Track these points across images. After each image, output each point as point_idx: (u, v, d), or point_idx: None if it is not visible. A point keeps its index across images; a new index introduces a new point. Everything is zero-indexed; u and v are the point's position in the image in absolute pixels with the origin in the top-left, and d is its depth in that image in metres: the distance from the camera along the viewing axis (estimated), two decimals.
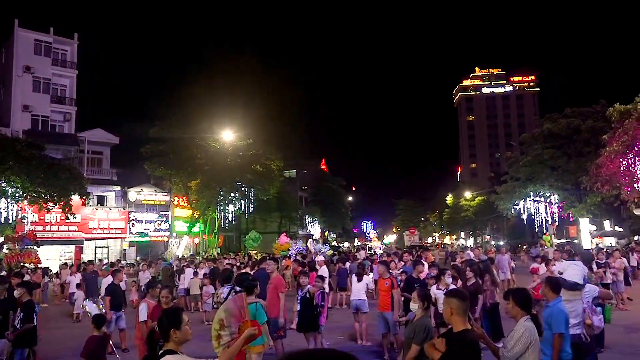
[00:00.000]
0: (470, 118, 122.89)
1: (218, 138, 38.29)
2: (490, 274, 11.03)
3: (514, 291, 4.72)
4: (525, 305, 4.45)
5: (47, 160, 27.33)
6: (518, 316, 4.43)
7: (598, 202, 34.86)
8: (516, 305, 4.47)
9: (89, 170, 37.40)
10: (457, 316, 4.02)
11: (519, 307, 4.44)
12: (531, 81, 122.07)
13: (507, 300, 4.62)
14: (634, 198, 27.17)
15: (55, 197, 26.79)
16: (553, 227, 42.24)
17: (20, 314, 7.65)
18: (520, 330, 4.27)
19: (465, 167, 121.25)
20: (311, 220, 65.24)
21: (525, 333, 4.23)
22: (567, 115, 39.89)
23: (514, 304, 4.47)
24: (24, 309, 7.73)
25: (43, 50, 40.39)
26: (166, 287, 8.29)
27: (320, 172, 75.01)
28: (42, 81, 39.91)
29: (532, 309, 4.61)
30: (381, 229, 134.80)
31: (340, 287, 17.09)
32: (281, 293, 9.00)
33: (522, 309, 4.43)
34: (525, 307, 4.44)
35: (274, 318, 8.57)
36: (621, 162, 25.21)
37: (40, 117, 39.36)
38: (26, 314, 7.67)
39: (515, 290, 4.74)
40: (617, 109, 25.88)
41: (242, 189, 39.92)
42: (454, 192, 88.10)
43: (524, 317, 4.38)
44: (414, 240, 53.23)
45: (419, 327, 5.15)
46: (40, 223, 32.67)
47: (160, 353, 3.61)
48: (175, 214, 42.18)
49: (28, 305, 7.93)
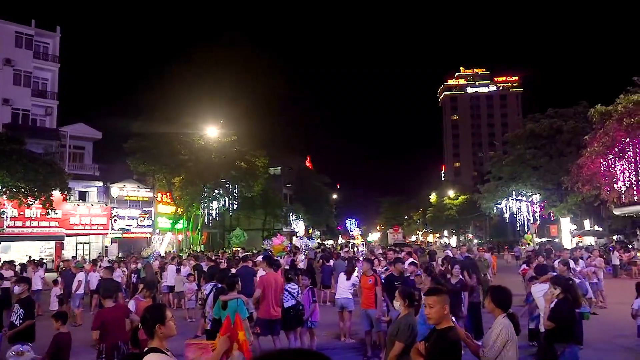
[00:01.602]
0: (454, 117, 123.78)
1: (202, 134, 38.06)
2: (476, 272, 11.14)
3: (492, 289, 4.75)
4: (503, 304, 4.48)
5: (27, 155, 26.89)
6: (496, 314, 4.46)
7: (579, 201, 35.35)
8: (492, 303, 4.49)
9: (70, 165, 36.89)
10: (443, 313, 4.07)
11: (495, 305, 4.47)
12: (515, 81, 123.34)
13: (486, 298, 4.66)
14: (613, 198, 27.61)
15: (36, 192, 26.40)
16: (534, 226, 42.79)
17: (20, 310, 7.44)
18: (498, 328, 4.29)
19: (449, 166, 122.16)
20: (295, 217, 65.19)
21: (503, 331, 4.24)
22: (550, 115, 40.38)
23: (492, 303, 4.51)
24: (24, 305, 7.55)
25: (24, 43, 39.68)
26: (147, 285, 8.24)
27: (305, 169, 74.99)
28: (23, 74, 39.21)
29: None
30: (365, 227, 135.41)
31: (324, 285, 17.11)
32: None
33: (499, 307, 4.45)
34: (503, 305, 4.47)
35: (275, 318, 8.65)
36: (601, 162, 25.60)
37: (20, 111, 38.68)
38: (27, 310, 7.50)
39: (494, 289, 4.78)
40: (598, 110, 26.23)
41: (226, 186, 39.75)
42: (438, 191, 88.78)
43: (501, 314, 4.41)
44: (397, 239, 53.44)
45: (403, 325, 5.16)
46: (20, 218, 32.15)
47: (145, 350, 3.59)
48: (158, 211, 41.82)
49: (28, 301, 7.81)
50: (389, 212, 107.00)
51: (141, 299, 7.72)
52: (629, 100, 24.08)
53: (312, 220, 69.66)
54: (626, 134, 23.74)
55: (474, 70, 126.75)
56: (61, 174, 28.42)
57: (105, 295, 7.12)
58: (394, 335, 5.15)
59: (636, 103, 23.44)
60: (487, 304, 4.60)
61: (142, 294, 7.87)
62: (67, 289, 15.28)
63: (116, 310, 6.88)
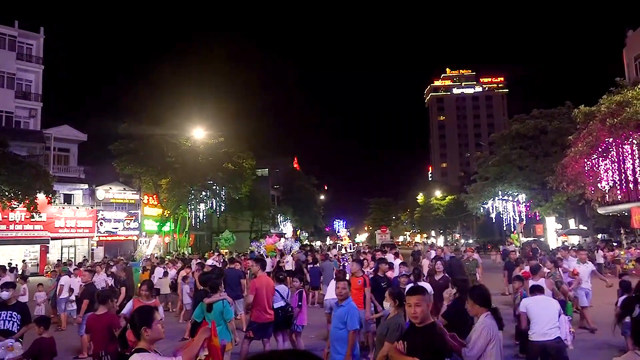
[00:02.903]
0: (441, 118, 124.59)
1: (189, 136, 37.86)
2: (462, 272, 11.21)
3: (471, 290, 4.76)
4: (484, 302, 4.47)
5: (11, 157, 26.52)
6: (479, 314, 4.44)
7: (564, 201, 35.73)
8: (475, 304, 4.48)
9: (55, 167, 36.47)
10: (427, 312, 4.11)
11: (478, 305, 4.45)
12: (500, 82, 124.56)
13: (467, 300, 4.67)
14: (597, 197, 27.95)
15: (20, 195, 26.06)
16: (520, 226, 43.14)
17: (18, 315, 7.21)
18: (479, 328, 4.29)
19: (436, 167, 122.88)
20: (283, 219, 65.10)
21: (484, 330, 4.24)
22: (535, 116, 40.75)
23: (473, 303, 4.49)
24: (20, 310, 7.35)
25: (7, 44, 39.20)
26: (145, 283, 8.15)
27: (293, 170, 74.93)
28: (6, 76, 38.72)
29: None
30: (353, 228, 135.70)
31: (312, 286, 17.11)
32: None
33: (481, 306, 4.44)
34: (484, 303, 4.47)
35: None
36: (586, 162, 25.90)
37: (4, 113, 38.18)
38: (24, 315, 7.31)
39: (472, 289, 4.78)
40: (582, 110, 26.53)
41: (213, 188, 39.56)
42: (425, 191, 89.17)
43: (484, 313, 4.40)
44: (385, 239, 53.56)
45: (392, 325, 5.19)
46: (4, 222, 31.75)
47: (132, 351, 3.61)
48: (144, 213, 41.51)
49: (23, 305, 7.68)
50: (376, 213, 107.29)
51: (143, 300, 7.62)
52: (612, 101, 24.38)
53: (300, 221, 69.60)
54: (609, 134, 24.03)
55: (460, 71, 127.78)
56: (46, 176, 28.07)
57: (100, 300, 7.03)
58: (384, 335, 5.18)
59: (619, 103, 23.74)
60: (469, 307, 4.59)
61: (144, 296, 7.74)
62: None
63: (103, 317, 6.79)
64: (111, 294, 7.88)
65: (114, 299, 8.01)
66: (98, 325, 6.64)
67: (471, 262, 16.36)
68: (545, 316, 6.84)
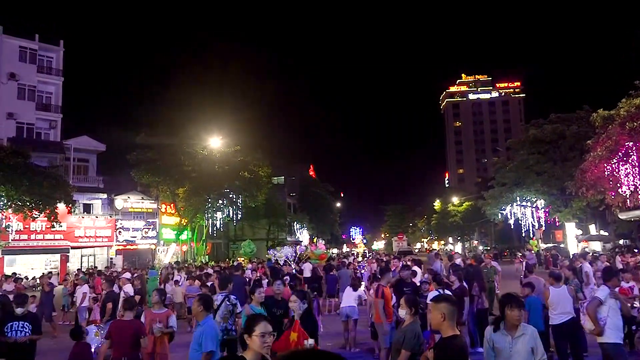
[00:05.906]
0: (457, 124, 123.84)
1: (206, 145, 38.18)
2: (479, 281, 11.09)
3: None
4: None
5: (32, 168, 26.98)
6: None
7: (583, 206, 35.20)
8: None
9: (75, 178, 37.00)
10: (447, 321, 4.04)
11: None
12: (517, 87, 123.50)
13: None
14: (618, 202, 27.47)
15: (41, 206, 26.44)
16: (540, 232, 42.61)
17: (29, 325, 7.35)
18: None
19: (452, 173, 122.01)
20: (300, 226, 65.10)
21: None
22: (552, 120, 40.34)
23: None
24: (31, 320, 7.52)
25: (28, 57, 40.03)
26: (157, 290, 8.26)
27: (309, 178, 75.02)
28: (27, 88, 39.52)
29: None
30: (370, 235, 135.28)
31: (329, 294, 17.08)
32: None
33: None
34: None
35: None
36: (605, 167, 25.49)
37: (25, 124, 38.93)
38: (35, 326, 7.50)
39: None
40: (600, 114, 26.19)
41: (230, 196, 39.74)
42: (442, 198, 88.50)
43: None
44: (402, 246, 53.30)
45: (409, 333, 5.15)
46: (25, 232, 32.22)
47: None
48: (162, 222, 41.83)
49: (34, 316, 7.87)
50: (393, 220, 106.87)
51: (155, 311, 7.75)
52: (631, 104, 24.01)
53: (316, 229, 69.54)
54: (629, 138, 23.66)
55: (476, 76, 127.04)
56: (66, 186, 28.49)
57: (127, 307, 7.14)
58: (400, 343, 5.14)
59: (638, 107, 23.39)
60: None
61: (157, 305, 7.86)
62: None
63: (129, 324, 6.88)
64: (136, 302, 8.06)
65: (137, 307, 8.17)
66: (123, 331, 6.72)
67: (489, 270, 16.04)
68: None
